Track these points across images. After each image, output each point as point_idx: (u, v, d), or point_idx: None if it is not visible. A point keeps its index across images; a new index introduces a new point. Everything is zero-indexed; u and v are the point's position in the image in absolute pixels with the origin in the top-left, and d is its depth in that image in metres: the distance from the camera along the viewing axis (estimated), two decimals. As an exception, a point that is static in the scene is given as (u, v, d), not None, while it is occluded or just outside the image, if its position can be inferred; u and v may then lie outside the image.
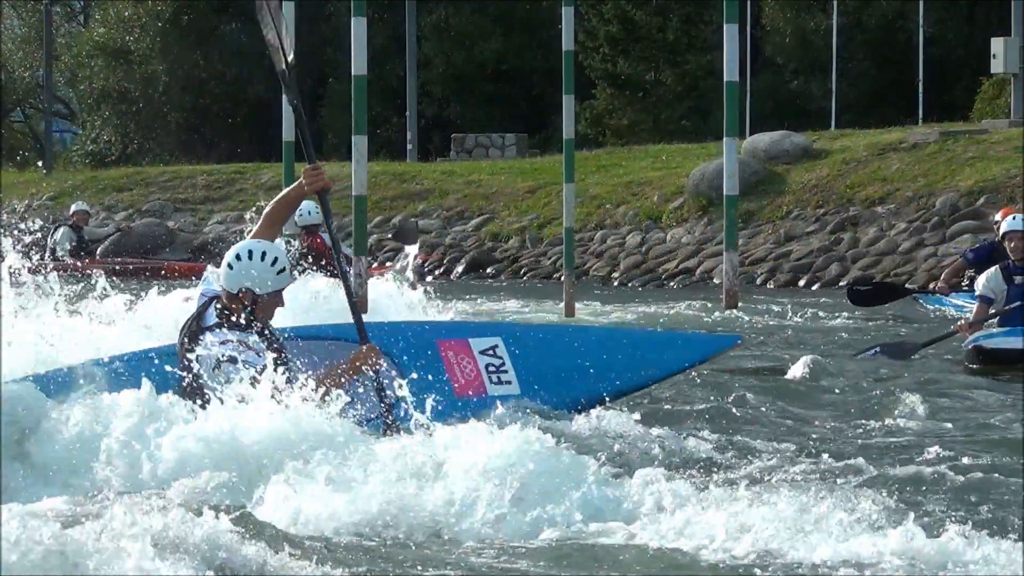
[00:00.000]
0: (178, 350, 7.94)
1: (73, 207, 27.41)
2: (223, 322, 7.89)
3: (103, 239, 29.98)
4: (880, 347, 13.17)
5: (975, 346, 12.36)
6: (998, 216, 15.52)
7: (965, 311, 13.97)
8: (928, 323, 15.76)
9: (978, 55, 32.05)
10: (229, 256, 7.95)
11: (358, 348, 8.02)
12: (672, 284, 25.65)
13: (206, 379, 7.71)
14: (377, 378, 7.91)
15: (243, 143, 38.88)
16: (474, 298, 21.30)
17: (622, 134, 35.76)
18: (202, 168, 35.01)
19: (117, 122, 42.50)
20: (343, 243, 15.14)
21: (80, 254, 25.94)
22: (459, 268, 28.40)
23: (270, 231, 8.36)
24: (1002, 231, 13.04)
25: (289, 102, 8.46)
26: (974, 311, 12.96)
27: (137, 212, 32.77)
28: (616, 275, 26.68)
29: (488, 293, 22.41)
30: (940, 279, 14.80)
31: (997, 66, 29.66)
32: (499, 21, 40.19)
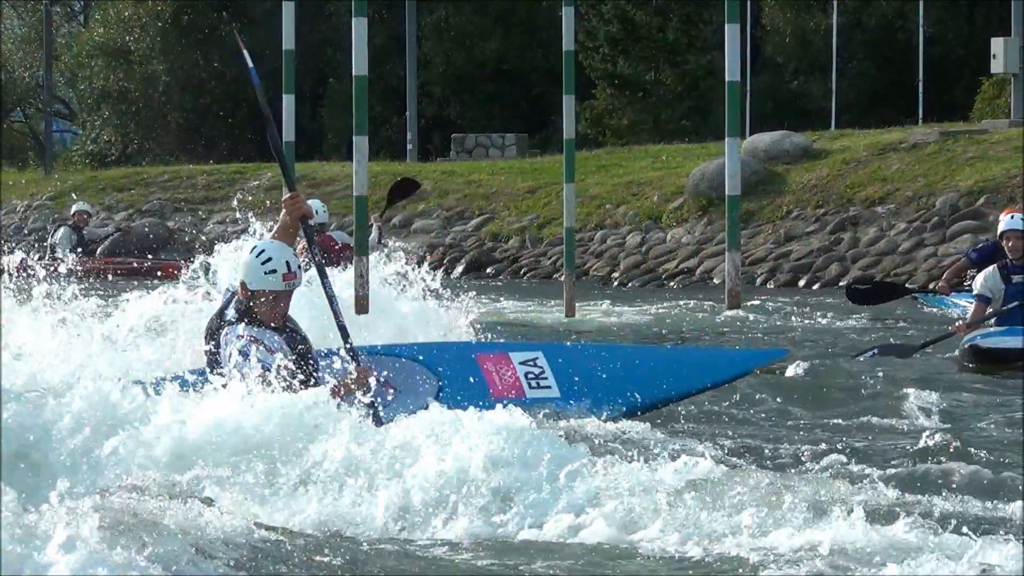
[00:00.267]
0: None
1: (74, 207, 27.42)
2: (240, 318, 7.99)
3: (103, 239, 29.97)
4: (878, 348, 13.15)
5: (971, 345, 12.33)
6: (1003, 216, 15.49)
7: (966, 311, 13.94)
8: (930, 323, 15.75)
9: (978, 55, 32.04)
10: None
11: (361, 367, 8.01)
12: (672, 284, 25.64)
13: (225, 373, 7.81)
14: (373, 401, 7.91)
15: (243, 143, 38.88)
16: (474, 298, 21.27)
17: (622, 134, 35.75)
18: (202, 168, 35.00)
19: (117, 122, 42.48)
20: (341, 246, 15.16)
21: (80, 254, 25.95)
22: (459, 268, 28.40)
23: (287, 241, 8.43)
24: (1000, 230, 13.01)
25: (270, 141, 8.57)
26: (972, 311, 12.94)
27: (137, 212, 32.76)
28: (616, 275, 26.67)
29: (488, 293, 22.39)
30: (942, 279, 14.77)
31: (997, 66, 29.64)
32: (499, 21, 40.18)
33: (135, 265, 26.47)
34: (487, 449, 6.65)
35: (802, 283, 24.71)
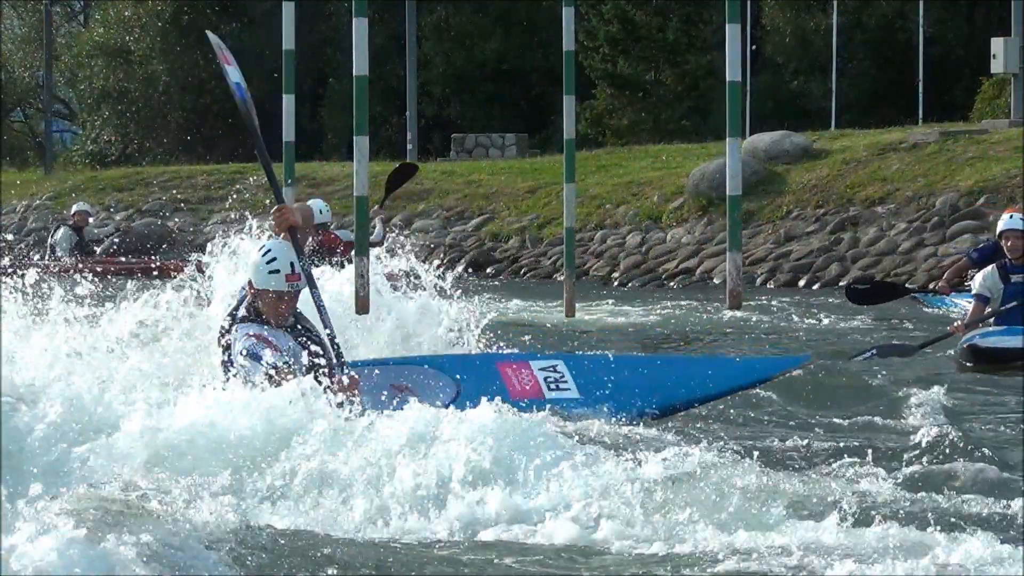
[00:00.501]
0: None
1: (74, 207, 27.42)
2: (250, 316, 8.08)
3: (103, 239, 29.97)
4: (877, 349, 13.12)
5: (970, 345, 12.31)
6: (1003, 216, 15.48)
7: (966, 312, 13.93)
8: (930, 323, 15.73)
9: (978, 55, 32.05)
10: None
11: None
12: (672, 284, 25.64)
13: (236, 369, 7.93)
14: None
15: (243, 143, 38.84)
16: (474, 297, 21.28)
17: (622, 134, 35.76)
18: (202, 168, 35.00)
19: (117, 122, 42.50)
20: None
21: (80, 254, 25.95)
22: (459, 268, 28.35)
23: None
24: (999, 230, 12.99)
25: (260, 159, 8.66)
26: (970, 310, 12.93)
27: (137, 212, 32.77)
28: (616, 275, 26.68)
29: (488, 293, 22.39)
30: (942, 279, 14.76)
31: (997, 66, 29.64)
32: (499, 21, 40.19)
33: (135, 265, 26.48)
34: (473, 447, 6.68)
35: (802, 283, 24.71)
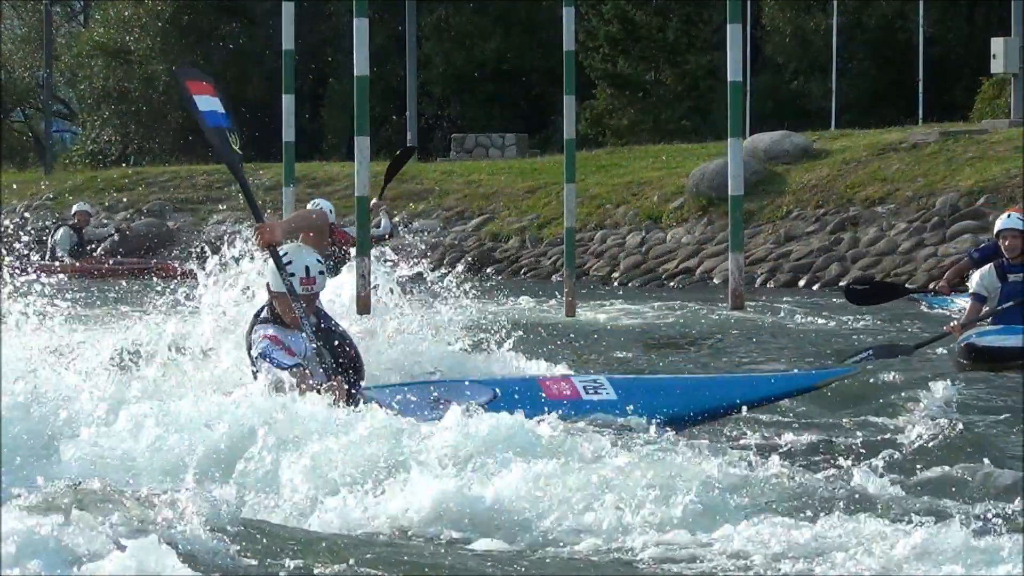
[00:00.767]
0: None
1: (75, 207, 27.45)
2: (269, 317, 8.15)
3: (103, 239, 29.96)
4: (873, 350, 13.09)
5: (967, 344, 12.31)
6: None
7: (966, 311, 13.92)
8: (933, 323, 15.71)
9: (978, 55, 32.04)
10: None
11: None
12: (672, 284, 25.65)
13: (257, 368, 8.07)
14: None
15: (243, 143, 38.83)
16: (474, 297, 21.27)
17: (622, 134, 35.76)
18: (202, 168, 34.99)
19: (117, 122, 42.49)
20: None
21: (80, 254, 25.96)
22: (459, 268, 28.36)
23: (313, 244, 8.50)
24: (997, 229, 12.98)
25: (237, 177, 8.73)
26: (967, 310, 12.92)
27: (137, 212, 32.77)
28: (616, 275, 26.68)
29: (488, 293, 22.39)
30: (943, 278, 14.75)
31: (997, 66, 29.64)
32: (499, 21, 40.18)
33: (135, 266, 26.49)
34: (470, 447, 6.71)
35: (802, 283, 24.72)
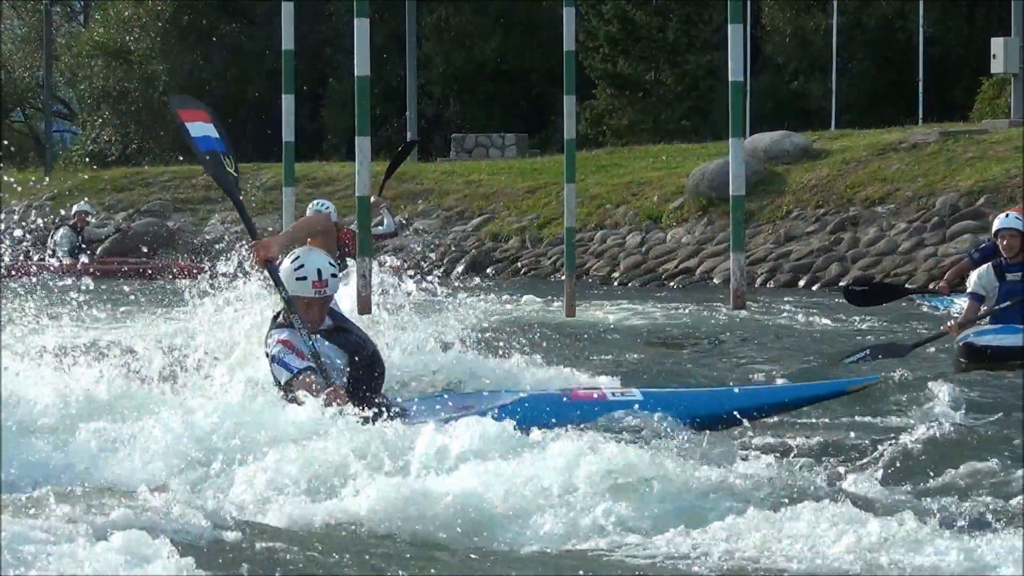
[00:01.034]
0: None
1: (75, 207, 27.44)
2: (284, 322, 8.22)
3: (103, 239, 29.95)
4: (870, 350, 13.09)
5: (965, 343, 12.33)
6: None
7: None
8: (935, 323, 15.69)
9: (978, 55, 32.05)
10: None
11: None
12: (672, 284, 25.64)
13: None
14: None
15: (243, 143, 38.85)
16: (474, 297, 21.29)
17: (622, 134, 35.77)
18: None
19: (117, 122, 42.50)
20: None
21: (80, 254, 25.95)
22: (459, 268, 28.41)
23: (321, 247, 8.55)
24: (995, 228, 12.99)
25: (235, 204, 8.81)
26: (965, 309, 12.93)
27: (137, 212, 32.77)
28: (616, 275, 26.68)
29: (488, 293, 22.40)
30: (943, 279, 14.75)
31: (997, 66, 29.64)
32: (499, 21, 40.19)
33: (135, 266, 26.49)
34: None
35: (802, 283, 24.71)
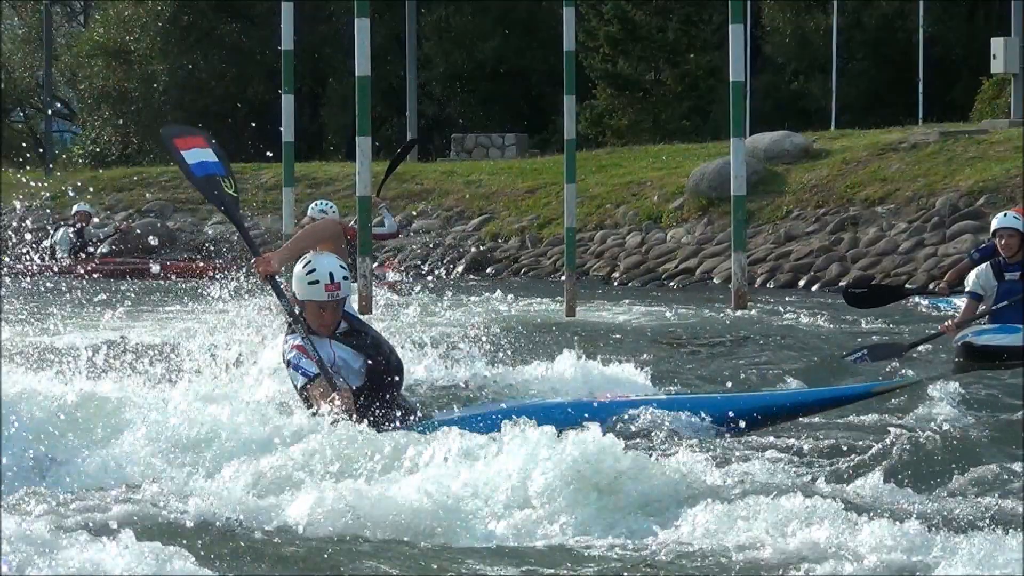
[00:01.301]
0: None
1: (75, 208, 27.44)
2: (300, 327, 8.21)
3: (103, 239, 29.96)
4: (867, 350, 13.08)
5: (964, 343, 12.33)
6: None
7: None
8: (933, 324, 15.69)
9: (978, 55, 32.04)
10: None
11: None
12: (672, 284, 25.64)
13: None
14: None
15: (243, 143, 38.87)
16: (473, 297, 21.31)
17: (622, 134, 35.77)
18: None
19: (117, 122, 42.49)
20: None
21: (80, 255, 25.95)
22: (459, 268, 28.41)
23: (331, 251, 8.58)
24: (993, 228, 12.99)
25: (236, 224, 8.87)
26: (963, 309, 12.93)
27: (137, 212, 32.77)
28: (616, 275, 26.69)
29: (488, 293, 22.40)
30: (943, 280, 14.74)
31: (997, 66, 29.64)
32: (499, 21, 40.18)
33: (135, 266, 26.48)
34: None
35: (802, 283, 24.71)
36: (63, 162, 43.73)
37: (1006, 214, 13.03)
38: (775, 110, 34.46)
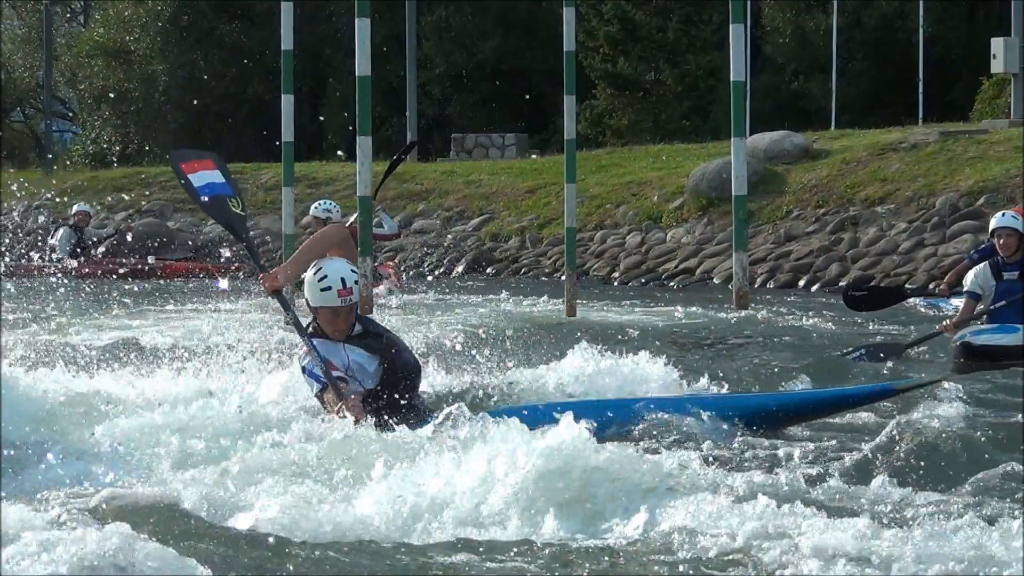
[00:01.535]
0: None
1: (75, 207, 27.46)
2: (314, 332, 8.26)
3: (103, 239, 29.96)
4: (866, 349, 13.09)
5: (963, 343, 12.34)
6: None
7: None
8: (935, 323, 15.68)
9: (978, 55, 32.04)
10: None
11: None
12: (672, 284, 25.65)
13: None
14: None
15: (243, 143, 38.86)
16: (474, 297, 21.31)
17: (622, 134, 35.77)
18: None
19: (117, 122, 42.47)
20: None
21: (80, 255, 25.96)
22: (459, 268, 28.42)
23: (341, 255, 8.63)
24: (992, 228, 13.00)
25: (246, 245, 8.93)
26: (961, 308, 12.94)
27: (137, 212, 32.76)
28: (616, 275, 26.69)
29: (488, 293, 22.41)
30: (944, 281, 14.75)
31: (997, 66, 29.64)
32: (499, 21, 40.19)
33: (135, 266, 26.49)
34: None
35: (802, 283, 24.71)
36: (63, 162, 43.72)
37: (1004, 214, 13.05)
38: (775, 110, 34.46)
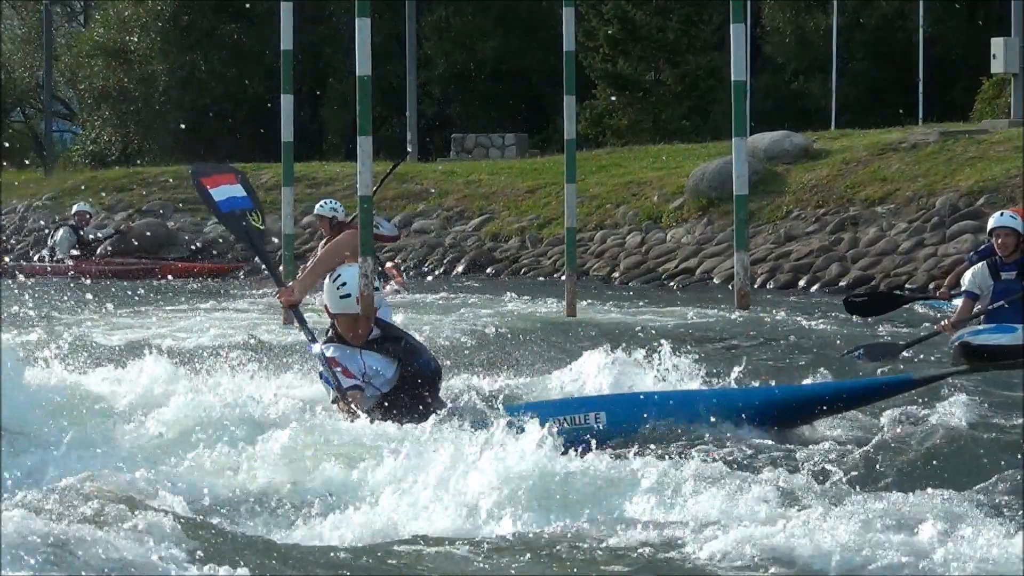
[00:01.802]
0: None
1: (74, 208, 27.48)
2: (332, 338, 8.31)
3: (103, 240, 29.97)
4: (864, 349, 13.08)
5: (962, 343, 12.35)
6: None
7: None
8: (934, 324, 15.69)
9: (978, 55, 32.04)
10: None
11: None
12: (672, 284, 25.65)
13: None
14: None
15: (243, 143, 38.87)
16: (474, 297, 21.31)
17: (622, 134, 35.77)
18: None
19: (117, 122, 42.49)
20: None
21: (80, 255, 25.97)
22: (459, 268, 28.42)
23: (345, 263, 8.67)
24: (990, 227, 13.00)
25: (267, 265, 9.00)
26: (959, 308, 12.94)
27: (137, 212, 32.76)
28: (616, 275, 26.69)
29: (488, 293, 22.41)
30: (944, 283, 14.76)
31: (997, 66, 29.63)
32: (499, 21, 40.19)
33: (135, 266, 26.50)
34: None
35: (802, 283, 24.71)
36: (63, 162, 43.73)
37: (1003, 213, 13.05)
38: (775, 110, 34.46)
